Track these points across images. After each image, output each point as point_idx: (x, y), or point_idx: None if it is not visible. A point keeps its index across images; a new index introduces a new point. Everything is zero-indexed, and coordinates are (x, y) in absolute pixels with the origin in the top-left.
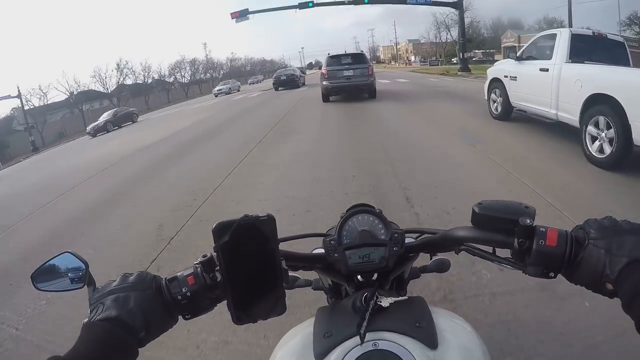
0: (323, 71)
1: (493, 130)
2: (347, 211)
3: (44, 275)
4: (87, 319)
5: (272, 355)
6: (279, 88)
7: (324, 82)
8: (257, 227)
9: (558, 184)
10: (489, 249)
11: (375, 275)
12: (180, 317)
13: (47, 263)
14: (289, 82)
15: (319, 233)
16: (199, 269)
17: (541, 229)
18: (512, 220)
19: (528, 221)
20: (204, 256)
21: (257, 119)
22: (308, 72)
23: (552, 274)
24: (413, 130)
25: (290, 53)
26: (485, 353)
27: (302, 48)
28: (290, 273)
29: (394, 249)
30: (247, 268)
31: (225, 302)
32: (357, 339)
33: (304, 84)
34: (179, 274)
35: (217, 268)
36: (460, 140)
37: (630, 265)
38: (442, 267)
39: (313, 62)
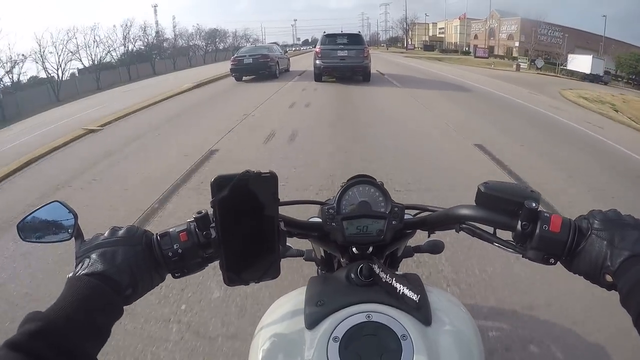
0: (317, 49)
1: None
2: (347, 181)
3: (31, 225)
4: (71, 273)
5: (261, 322)
6: (243, 77)
7: (317, 61)
8: (258, 184)
9: None
10: (490, 229)
11: (371, 249)
12: (169, 275)
13: (35, 212)
14: (258, 67)
15: (318, 201)
16: (192, 226)
17: (545, 214)
18: (516, 202)
19: (534, 204)
20: (199, 212)
21: None
22: (295, 50)
23: (552, 260)
24: None
25: (278, 26)
26: (477, 335)
27: (295, 20)
28: None
29: (393, 222)
30: (244, 227)
31: (217, 262)
32: (350, 309)
33: (287, 70)
34: (171, 229)
35: (212, 225)
36: None
37: (631, 259)
38: (435, 248)
39: (309, 40)
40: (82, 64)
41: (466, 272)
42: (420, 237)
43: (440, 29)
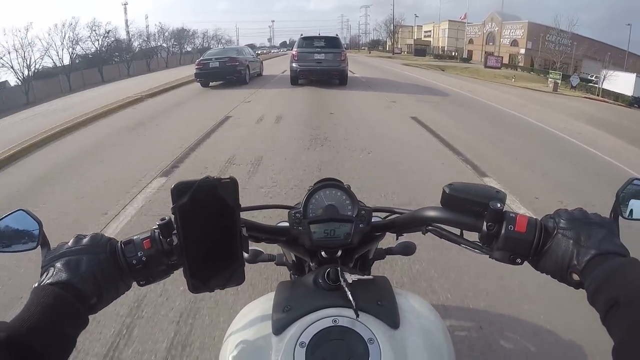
0: (293, 52)
1: None
2: (314, 184)
3: None
4: (37, 283)
5: (229, 329)
6: (209, 83)
7: (293, 64)
8: (219, 190)
9: None
10: (457, 231)
11: (340, 252)
12: (134, 283)
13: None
14: (226, 71)
15: (285, 205)
16: (156, 233)
17: (511, 215)
18: (482, 203)
19: (499, 205)
20: (162, 219)
21: None
22: (263, 53)
23: (518, 260)
24: None
25: (256, 27)
26: (447, 337)
27: (273, 22)
28: (254, 246)
29: (360, 226)
30: (206, 233)
31: (182, 269)
32: (317, 313)
33: (259, 75)
34: (135, 237)
35: (175, 232)
36: None
37: (598, 258)
38: (407, 250)
39: (287, 42)
40: (14, 71)
41: None
42: (393, 239)
43: (426, 32)
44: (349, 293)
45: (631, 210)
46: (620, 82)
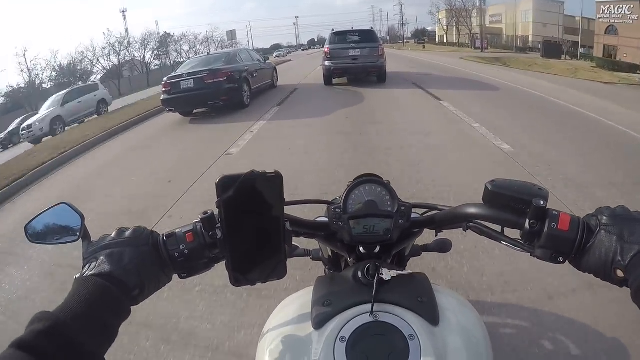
0: (325, 49)
1: None
2: (354, 180)
3: (39, 226)
4: (79, 274)
5: (268, 322)
6: (193, 110)
7: (326, 63)
8: (264, 184)
9: None
10: (498, 228)
11: (378, 248)
12: (175, 275)
13: (42, 214)
14: (205, 94)
15: (325, 200)
16: (198, 226)
17: (554, 213)
18: (524, 201)
19: (542, 202)
20: (205, 213)
21: None
22: (303, 52)
23: (560, 259)
24: None
25: (281, 24)
26: (486, 335)
27: (297, 18)
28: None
29: (400, 222)
30: (249, 227)
31: (223, 262)
32: (356, 309)
33: (273, 87)
34: (177, 230)
35: (218, 226)
36: None
37: None
38: (443, 247)
39: (316, 39)
40: None
41: None
42: (428, 237)
43: (492, 16)
44: (374, 290)
45: None
46: None
